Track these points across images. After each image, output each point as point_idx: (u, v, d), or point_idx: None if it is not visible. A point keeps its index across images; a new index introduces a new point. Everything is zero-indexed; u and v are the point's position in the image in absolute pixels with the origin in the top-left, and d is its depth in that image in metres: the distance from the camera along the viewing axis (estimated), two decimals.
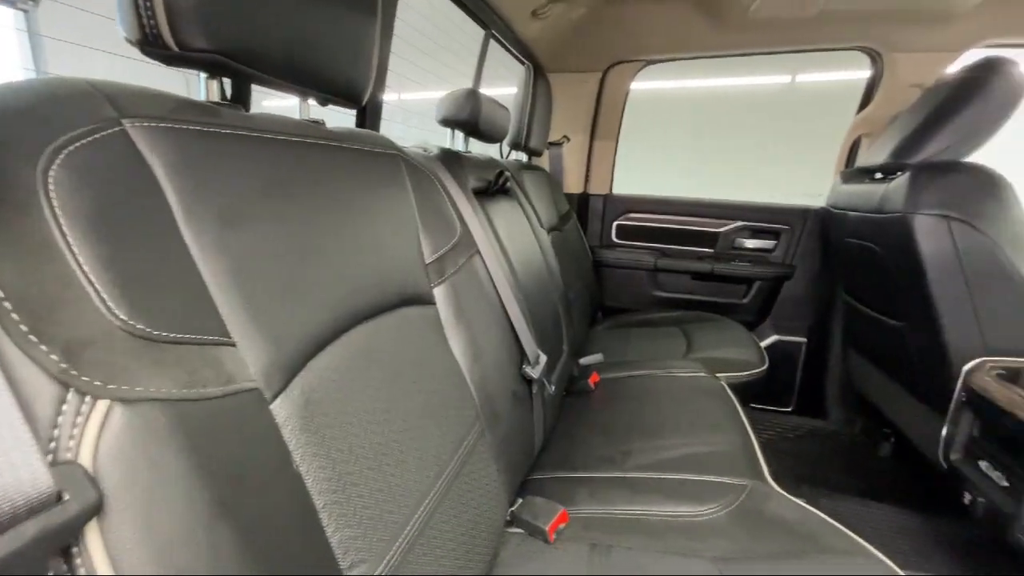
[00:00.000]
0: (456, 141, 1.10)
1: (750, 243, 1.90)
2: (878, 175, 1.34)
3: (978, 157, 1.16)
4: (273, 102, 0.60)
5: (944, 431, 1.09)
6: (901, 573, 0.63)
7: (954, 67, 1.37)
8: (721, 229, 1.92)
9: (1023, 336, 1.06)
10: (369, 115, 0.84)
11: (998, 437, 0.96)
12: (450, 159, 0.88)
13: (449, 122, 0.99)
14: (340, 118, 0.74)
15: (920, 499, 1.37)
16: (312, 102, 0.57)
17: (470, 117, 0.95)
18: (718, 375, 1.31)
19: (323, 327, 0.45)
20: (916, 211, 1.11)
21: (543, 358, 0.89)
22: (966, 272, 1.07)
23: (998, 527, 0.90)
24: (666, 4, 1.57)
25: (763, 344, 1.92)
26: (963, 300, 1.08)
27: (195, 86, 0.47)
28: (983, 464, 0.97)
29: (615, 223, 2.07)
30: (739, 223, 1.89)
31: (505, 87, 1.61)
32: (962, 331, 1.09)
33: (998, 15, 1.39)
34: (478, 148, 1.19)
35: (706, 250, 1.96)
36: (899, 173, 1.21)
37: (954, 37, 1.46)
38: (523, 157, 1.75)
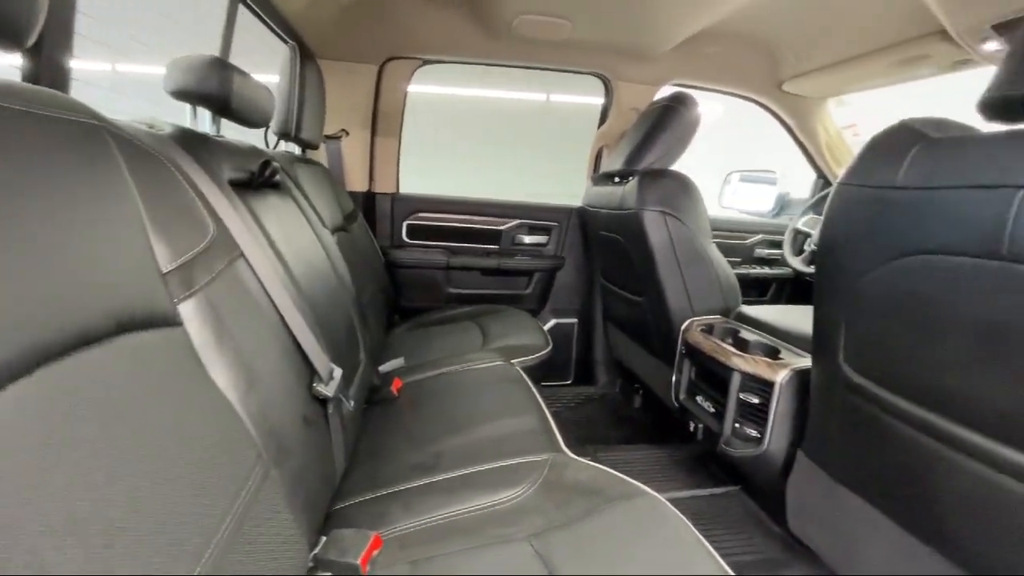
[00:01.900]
0: (201, 122, 0.89)
1: (528, 239, 2.11)
2: (617, 179, 1.64)
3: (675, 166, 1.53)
4: None
5: (673, 378, 1.41)
6: (662, 499, 0.77)
7: (658, 97, 1.77)
8: (503, 227, 2.08)
9: (714, 300, 1.44)
10: (46, 68, 0.58)
11: (706, 376, 1.28)
12: (192, 141, 0.70)
13: (188, 95, 0.78)
14: None
15: (664, 435, 1.75)
16: None
17: (218, 91, 0.77)
18: (513, 361, 1.40)
19: None
20: (644, 208, 1.40)
21: (337, 372, 0.79)
22: (678, 255, 1.40)
23: (712, 443, 1.20)
24: (439, 5, 1.60)
25: (545, 328, 2.17)
26: (678, 277, 1.41)
27: None
28: (699, 399, 1.29)
29: (405, 223, 2.03)
30: (517, 221, 2.08)
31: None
32: (679, 301, 1.42)
33: (682, 61, 1.85)
34: (233, 134, 0.98)
35: (492, 247, 2.10)
36: (631, 178, 1.50)
37: (656, 73, 1.90)
38: (295, 150, 1.55)
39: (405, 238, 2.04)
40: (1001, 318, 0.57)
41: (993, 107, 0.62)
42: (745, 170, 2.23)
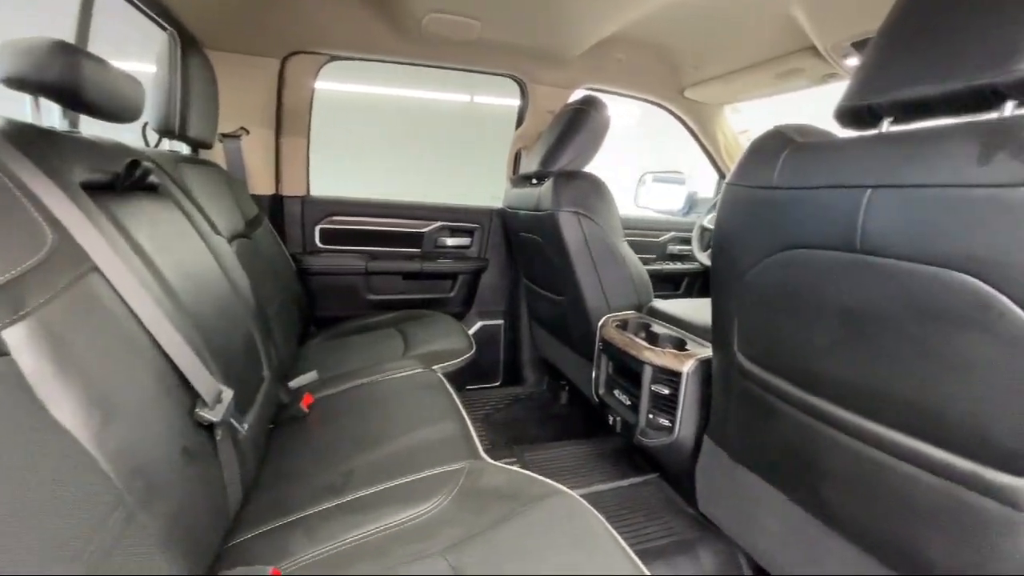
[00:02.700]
0: (48, 115, 0.77)
1: (450, 241, 2.08)
2: (534, 181, 1.66)
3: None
4: None
5: (594, 374, 1.45)
6: (577, 496, 0.78)
7: (571, 100, 1.82)
8: (425, 230, 2.03)
9: (629, 296, 1.50)
10: None
11: (622, 370, 1.33)
12: (26, 137, 0.60)
13: (24, 83, 0.67)
14: None
15: (589, 429, 1.80)
16: None
17: (63, 80, 0.66)
18: (434, 367, 1.37)
19: None
20: (560, 209, 1.42)
21: (228, 394, 0.72)
22: (593, 254, 1.44)
23: (629, 434, 1.25)
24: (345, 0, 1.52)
25: (471, 331, 2.15)
26: (593, 275, 1.45)
27: None
28: (616, 392, 1.33)
29: (318, 227, 1.92)
30: (439, 223, 2.04)
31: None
32: (596, 298, 1.46)
33: (593, 66, 1.91)
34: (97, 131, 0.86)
35: (414, 250, 2.04)
36: (546, 179, 1.52)
37: (569, 77, 1.95)
38: (184, 149, 1.41)
39: (318, 243, 1.93)
40: (858, 305, 0.63)
41: (845, 115, 0.69)
42: (658, 171, 2.36)
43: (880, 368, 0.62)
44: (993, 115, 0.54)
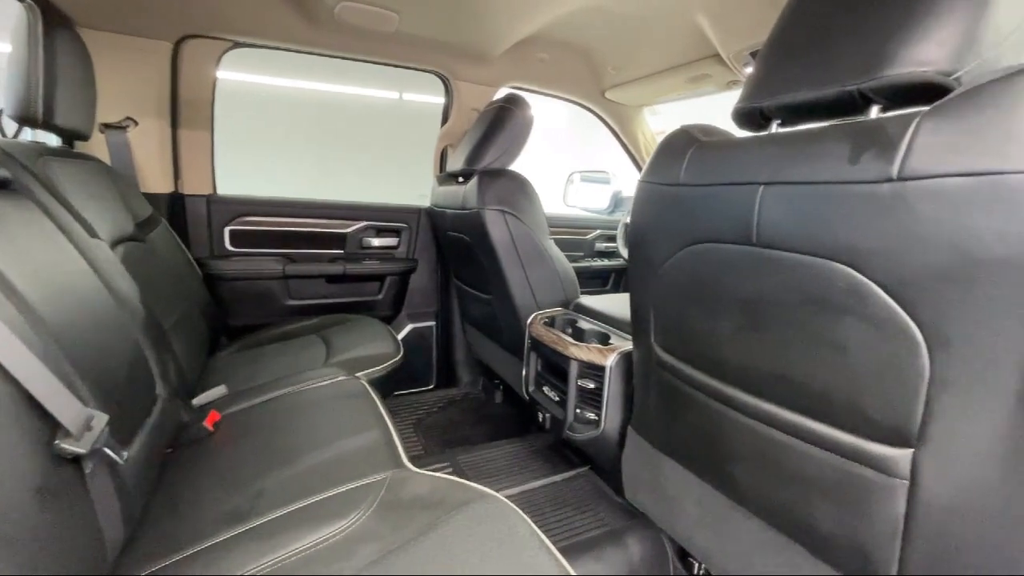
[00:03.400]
0: None
1: (376, 241, 2.00)
2: (460, 179, 1.63)
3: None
4: None
5: (524, 372, 1.45)
6: (501, 497, 0.77)
7: (495, 98, 1.81)
8: (348, 230, 1.93)
9: (556, 293, 1.52)
10: None
11: (550, 367, 1.34)
12: None
13: None
14: None
15: (523, 428, 1.80)
16: None
17: None
18: (358, 374, 1.30)
19: None
20: (485, 207, 1.41)
21: (101, 419, 0.63)
22: (520, 252, 1.44)
23: (558, 430, 1.26)
24: None
25: (401, 334, 2.08)
26: (521, 273, 1.45)
27: None
28: (546, 388, 1.34)
29: (227, 229, 1.77)
30: (364, 223, 1.95)
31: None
32: (524, 296, 1.47)
33: (516, 65, 1.92)
34: None
35: (337, 251, 1.94)
36: (472, 178, 1.50)
37: (493, 75, 1.94)
38: (55, 140, 1.23)
39: (228, 246, 1.78)
40: (756, 295, 0.67)
41: (740, 117, 0.73)
42: (585, 171, 2.42)
43: (776, 354, 0.66)
44: (861, 118, 0.59)
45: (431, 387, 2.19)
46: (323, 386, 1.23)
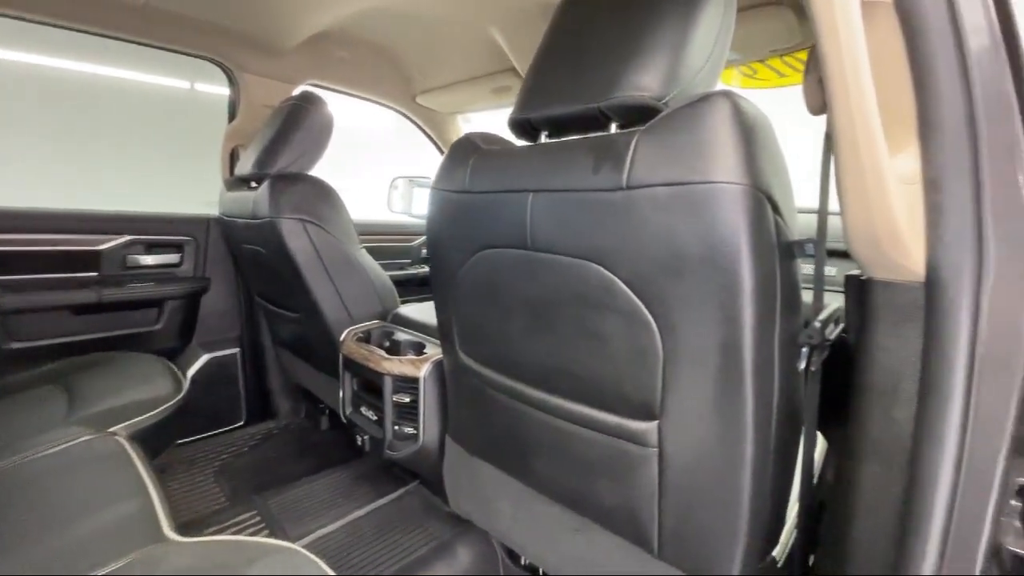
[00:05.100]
0: None
1: (149, 259, 1.64)
2: (252, 184, 1.43)
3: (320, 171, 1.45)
4: None
5: (340, 393, 1.33)
6: (298, 548, 0.68)
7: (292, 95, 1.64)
8: (102, 247, 1.55)
9: (372, 305, 1.44)
10: None
11: (365, 385, 1.26)
12: None
13: None
14: None
15: (352, 453, 1.66)
16: None
17: None
18: (114, 429, 1.04)
19: None
20: (280, 216, 1.26)
21: None
22: (326, 264, 1.32)
23: (378, 451, 1.19)
24: None
25: (194, 367, 1.75)
26: (329, 287, 1.33)
27: None
28: (363, 409, 1.26)
29: None
30: (126, 238, 1.58)
31: None
32: (335, 311, 1.35)
33: (315, 61, 1.77)
34: None
35: (89, 274, 1.54)
36: (263, 182, 1.32)
37: (288, 70, 1.75)
38: None
39: None
40: (536, 296, 0.71)
41: (514, 126, 0.77)
42: (410, 176, 2.36)
43: (557, 350, 0.71)
44: (604, 133, 0.66)
45: (240, 424, 1.88)
46: (59, 451, 0.95)
